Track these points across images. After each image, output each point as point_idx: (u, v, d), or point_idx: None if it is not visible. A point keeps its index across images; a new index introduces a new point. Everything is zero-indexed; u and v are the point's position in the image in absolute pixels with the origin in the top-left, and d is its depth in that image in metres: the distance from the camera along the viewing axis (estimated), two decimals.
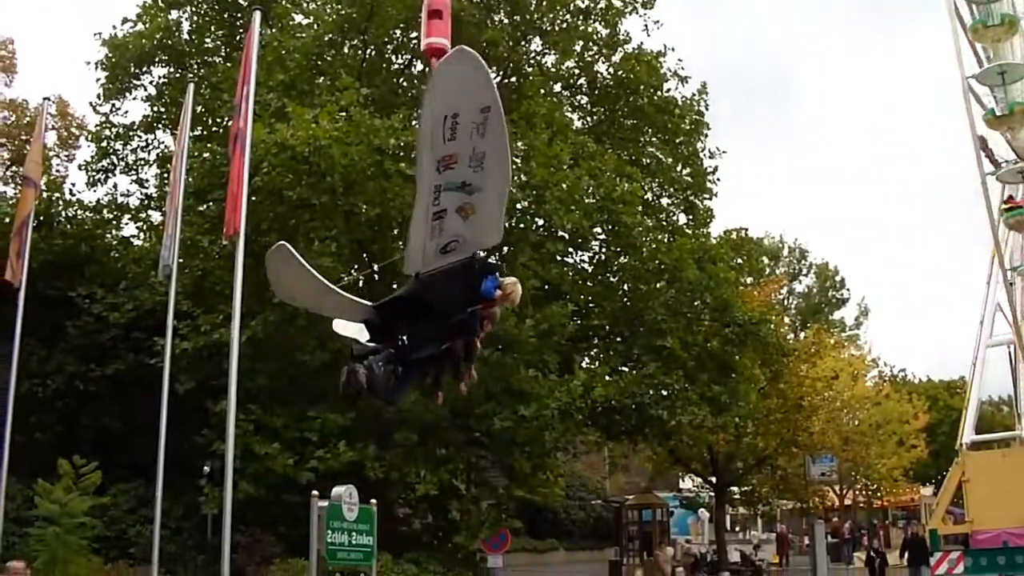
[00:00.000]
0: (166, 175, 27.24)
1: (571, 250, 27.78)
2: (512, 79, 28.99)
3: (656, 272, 26.61)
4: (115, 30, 28.73)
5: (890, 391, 54.51)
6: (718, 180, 30.78)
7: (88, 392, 26.63)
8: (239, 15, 27.96)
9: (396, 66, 29.22)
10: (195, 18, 29.10)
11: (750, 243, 32.60)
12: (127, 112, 31.01)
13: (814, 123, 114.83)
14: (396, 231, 24.92)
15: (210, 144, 25.40)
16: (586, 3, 29.08)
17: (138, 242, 30.28)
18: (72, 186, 31.92)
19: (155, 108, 29.48)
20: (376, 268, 24.09)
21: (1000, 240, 29.40)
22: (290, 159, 21.70)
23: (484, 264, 6.58)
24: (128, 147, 29.81)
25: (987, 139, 29.21)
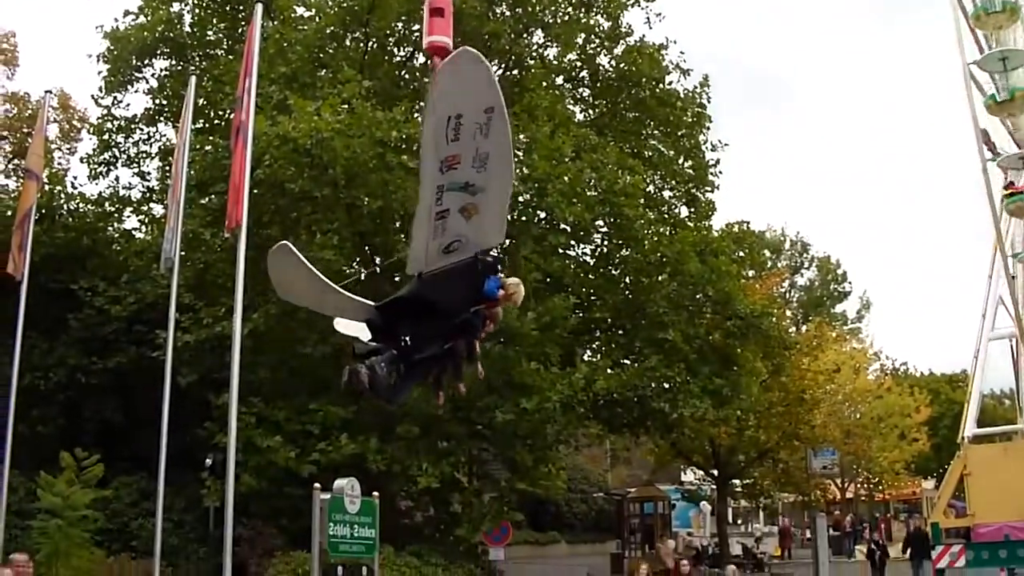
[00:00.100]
0: (168, 168, 27.23)
1: (573, 243, 27.75)
2: (514, 72, 28.96)
3: (658, 265, 26.56)
4: (117, 23, 28.69)
5: (892, 384, 54.59)
6: (720, 173, 30.76)
7: (90, 385, 26.63)
8: (241, 7, 27.87)
9: (398, 59, 29.16)
10: (197, 11, 29.02)
11: (752, 236, 32.53)
12: (129, 105, 31.01)
13: (815, 116, 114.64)
14: (398, 224, 24.92)
15: (212, 137, 25.40)
16: None
17: (140, 235, 30.28)
18: (74, 179, 32.00)
19: (157, 101, 29.43)
20: (380, 267, 24.21)
21: (1001, 228, 29.29)
22: (292, 152, 21.67)
23: (487, 264, 6.58)
24: (130, 140, 29.77)
25: (989, 132, 29.07)
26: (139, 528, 23.93)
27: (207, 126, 27.66)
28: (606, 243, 28.03)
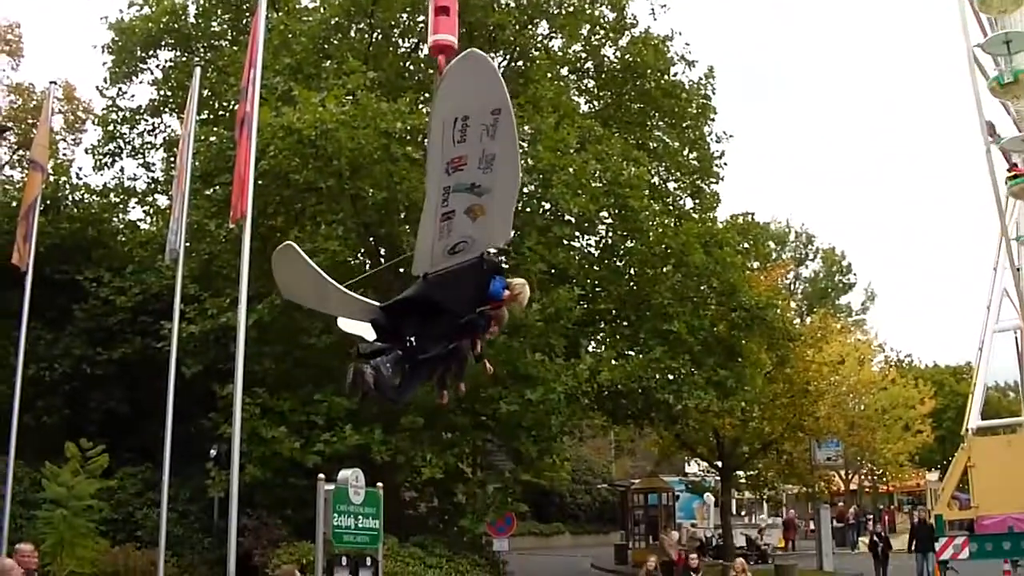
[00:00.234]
0: (173, 159, 27.23)
1: (578, 234, 27.68)
2: (519, 63, 28.87)
3: (663, 256, 26.52)
4: (122, 14, 28.68)
5: (896, 376, 54.54)
6: (725, 165, 30.74)
7: (95, 376, 26.66)
8: None
9: (403, 50, 29.09)
10: (201, 1, 28.91)
11: (757, 228, 32.47)
12: (134, 96, 31.01)
13: (816, 110, 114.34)
14: (403, 215, 24.89)
15: (217, 128, 25.38)
16: None
17: (145, 226, 30.32)
18: (79, 170, 31.95)
19: (162, 92, 29.39)
20: (385, 258, 24.23)
21: (1005, 215, 29.19)
22: (297, 143, 21.63)
23: (492, 264, 6.58)
24: (135, 131, 29.73)
25: (995, 125, 28.99)
26: (144, 518, 23.96)
27: (212, 117, 27.66)
28: (611, 234, 27.98)
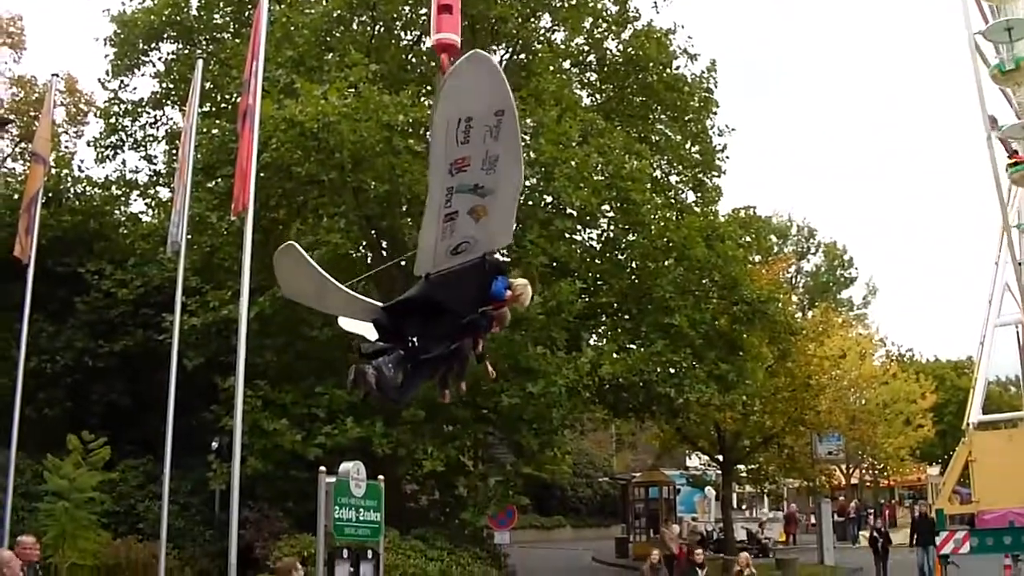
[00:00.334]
0: (175, 151, 27.16)
1: (579, 227, 27.67)
2: (521, 56, 28.85)
3: (664, 250, 26.53)
4: (124, 6, 28.63)
5: (897, 370, 54.57)
6: (727, 158, 30.71)
7: (97, 368, 26.66)
8: None
9: (405, 42, 29.04)
10: None
11: (758, 221, 32.50)
12: (136, 88, 30.99)
13: (817, 106, 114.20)
14: (405, 207, 24.91)
15: (219, 120, 25.37)
16: None
17: (147, 218, 30.27)
18: (81, 162, 31.83)
19: (164, 84, 29.33)
20: (386, 251, 24.20)
21: (1006, 205, 29.09)
22: (299, 135, 21.62)
23: (494, 264, 6.58)
24: (137, 123, 29.67)
25: (996, 119, 28.88)
26: (145, 510, 23.99)
27: (214, 110, 27.61)
28: (612, 228, 28.01)
